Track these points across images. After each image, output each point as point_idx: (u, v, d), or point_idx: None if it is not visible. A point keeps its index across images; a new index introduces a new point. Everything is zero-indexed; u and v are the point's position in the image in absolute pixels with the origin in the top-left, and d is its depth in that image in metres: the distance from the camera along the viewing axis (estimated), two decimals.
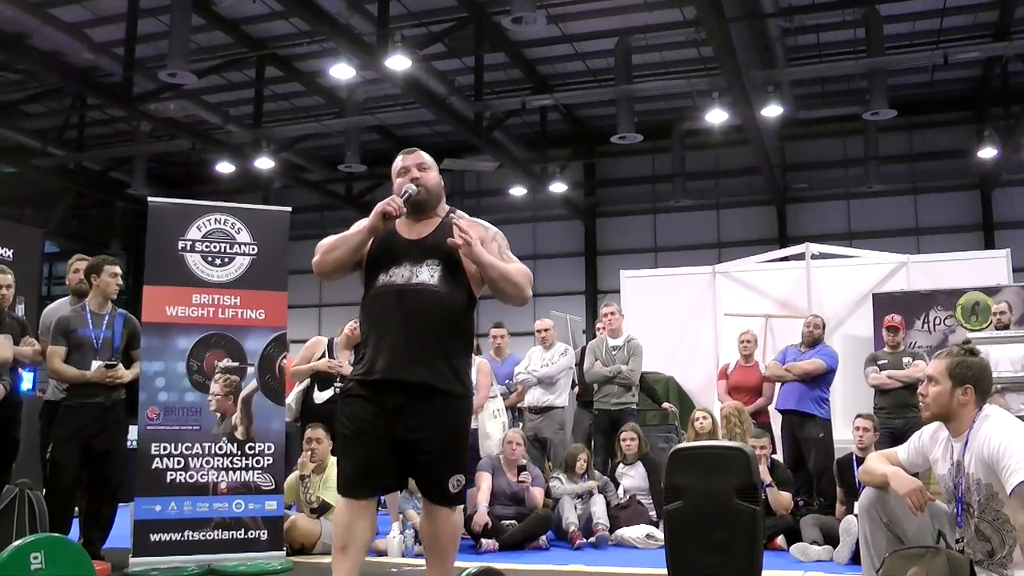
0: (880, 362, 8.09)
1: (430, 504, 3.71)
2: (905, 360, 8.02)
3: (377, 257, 3.71)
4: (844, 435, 8.03)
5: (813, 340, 8.28)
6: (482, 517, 6.94)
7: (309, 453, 6.84)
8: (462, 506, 3.86)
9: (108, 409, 5.90)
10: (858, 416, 7.07)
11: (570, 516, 7.18)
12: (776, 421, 8.46)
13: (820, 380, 8.07)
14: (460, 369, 3.68)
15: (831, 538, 6.53)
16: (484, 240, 3.70)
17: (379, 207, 3.59)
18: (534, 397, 8.46)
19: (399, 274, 3.65)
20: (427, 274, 3.63)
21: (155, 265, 6.08)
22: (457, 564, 3.84)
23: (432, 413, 3.57)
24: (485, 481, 7.18)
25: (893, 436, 7.13)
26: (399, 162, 3.84)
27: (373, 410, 3.59)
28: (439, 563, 3.75)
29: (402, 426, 3.57)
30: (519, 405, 8.86)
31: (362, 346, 3.76)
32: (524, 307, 3.91)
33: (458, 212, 3.88)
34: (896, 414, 7.75)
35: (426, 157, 3.86)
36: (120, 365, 5.92)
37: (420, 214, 3.76)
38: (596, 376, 8.36)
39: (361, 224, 3.70)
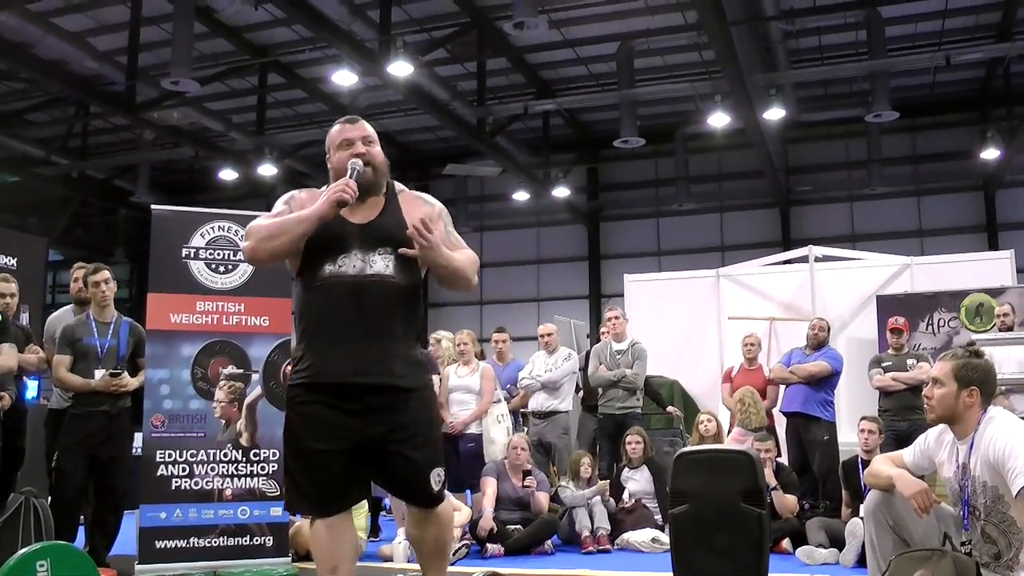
0: (884, 364, 8.08)
1: (418, 509, 3.39)
2: (909, 362, 8.01)
3: (319, 243, 3.27)
4: (849, 437, 8.04)
5: (818, 343, 8.28)
6: (487, 522, 6.93)
7: None
8: (447, 498, 3.50)
9: (113, 418, 5.92)
10: (863, 418, 7.07)
11: (584, 521, 7.16)
12: (780, 424, 8.45)
13: (825, 383, 8.08)
14: (418, 361, 3.39)
15: (837, 541, 6.52)
16: (430, 218, 3.29)
17: (334, 194, 3.19)
18: (538, 402, 8.45)
19: (349, 264, 3.26)
20: (382, 264, 3.26)
21: (159, 273, 6.10)
22: (463, 569, 3.84)
23: (397, 412, 3.24)
24: (490, 486, 7.18)
25: (898, 439, 7.12)
26: (338, 132, 3.40)
27: (332, 417, 3.23)
28: (438, 565, 3.48)
29: (367, 429, 3.22)
30: (523, 410, 8.87)
31: (302, 345, 3.34)
32: (528, 312, 3.75)
33: (398, 185, 3.52)
34: (900, 416, 7.73)
35: (370, 129, 3.43)
36: (125, 373, 5.93)
37: (366, 195, 3.34)
38: (600, 380, 8.34)
39: (303, 210, 3.29)
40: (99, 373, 5.87)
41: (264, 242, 3.27)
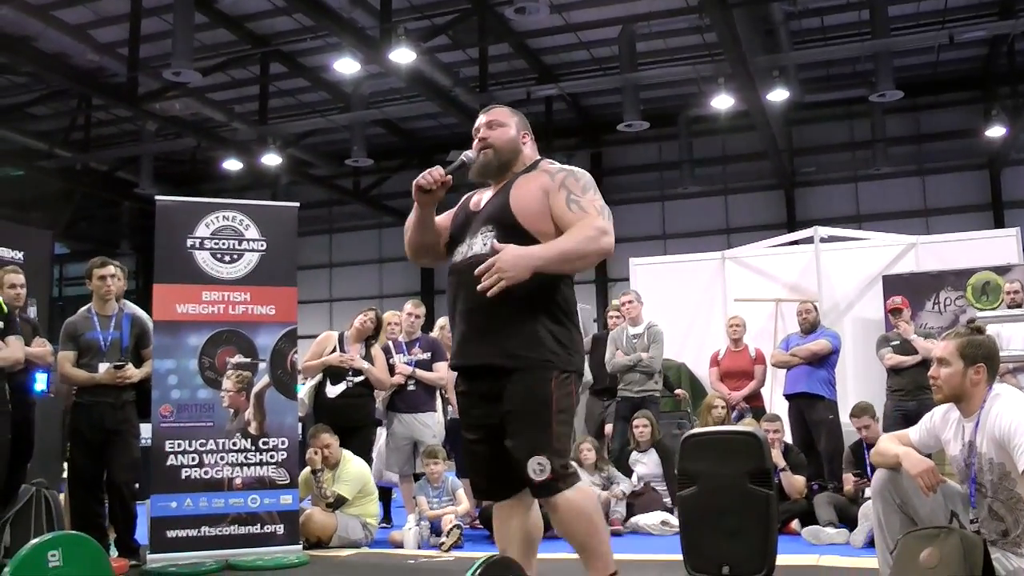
0: (893, 343, 8.04)
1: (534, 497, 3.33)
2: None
3: (450, 235, 3.45)
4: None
5: (810, 325, 8.29)
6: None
7: (320, 455, 6.77)
8: (571, 489, 3.22)
9: (118, 409, 5.88)
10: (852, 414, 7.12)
11: None
12: (779, 408, 8.42)
13: (826, 361, 8.09)
14: (536, 339, 3.22)
15: (846, 518, 6.52)
16: (549, 191, 3.27)
17: (416, 180, 3.27)
18: None
19: (460, 251, 3.34)
20: (480, 243, 3.25)
21: (164, 263, 6.11)
22: (470, 554, 3.83)
23: (502, 392, 3.21)
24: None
25: (907, 418, 7.07)
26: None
27: (465, 405, 3.42)
28: (584, 557, 3.31)
29: (485, 413, 3.29)
30: None
31: None
32: None
33: (544, 162, 3.46)
34: (911, 396, 7.67)
35: (501, 113, 3.50)
36: (129, 365, 5.88)
37: (496, 178, 3.41)
38: (617, 366, 8.29)
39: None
40: (103, 367, 5.85)
41: (406, 239, 3.53)
